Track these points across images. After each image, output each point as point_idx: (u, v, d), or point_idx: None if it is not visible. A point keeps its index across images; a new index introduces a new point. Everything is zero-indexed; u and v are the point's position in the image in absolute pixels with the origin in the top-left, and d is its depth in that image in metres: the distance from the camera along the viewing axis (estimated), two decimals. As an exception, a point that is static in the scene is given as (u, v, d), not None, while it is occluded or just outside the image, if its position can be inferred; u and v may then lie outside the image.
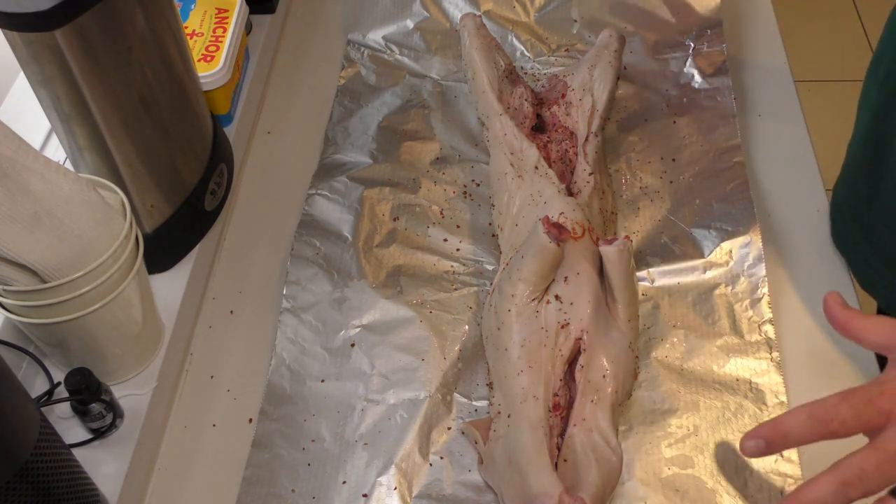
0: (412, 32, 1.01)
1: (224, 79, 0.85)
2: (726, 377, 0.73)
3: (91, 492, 0.60)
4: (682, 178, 0.86)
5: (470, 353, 0.76)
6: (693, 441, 0.70)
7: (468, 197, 0.87)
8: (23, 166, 0.58)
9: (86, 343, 0.67)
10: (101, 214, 0.63)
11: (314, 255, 0.82)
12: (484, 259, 0.82)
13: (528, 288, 0.69)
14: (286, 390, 0.74)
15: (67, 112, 0.66)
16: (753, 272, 0.78)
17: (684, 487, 0.68)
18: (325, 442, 0.71)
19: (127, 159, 0.70)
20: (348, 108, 0.95)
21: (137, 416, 0.70)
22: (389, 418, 0.72)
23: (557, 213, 0.74)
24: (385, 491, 0.68)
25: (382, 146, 0.91)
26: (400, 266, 0.81)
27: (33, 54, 0.62)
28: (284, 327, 0.77)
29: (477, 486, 0.69)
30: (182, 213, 0.77)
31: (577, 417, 0.66)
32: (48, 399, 0.69)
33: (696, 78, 0.94)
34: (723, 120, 0.89)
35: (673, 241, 0.82)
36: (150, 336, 0.72)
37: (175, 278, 0.78)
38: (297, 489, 0.69)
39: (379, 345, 0.76)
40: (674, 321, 0.76)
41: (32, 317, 0.63)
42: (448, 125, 0.93)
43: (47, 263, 0.59)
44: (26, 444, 0.50)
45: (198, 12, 0.87)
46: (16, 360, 0.71)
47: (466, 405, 0.73)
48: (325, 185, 0.87)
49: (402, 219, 0.85)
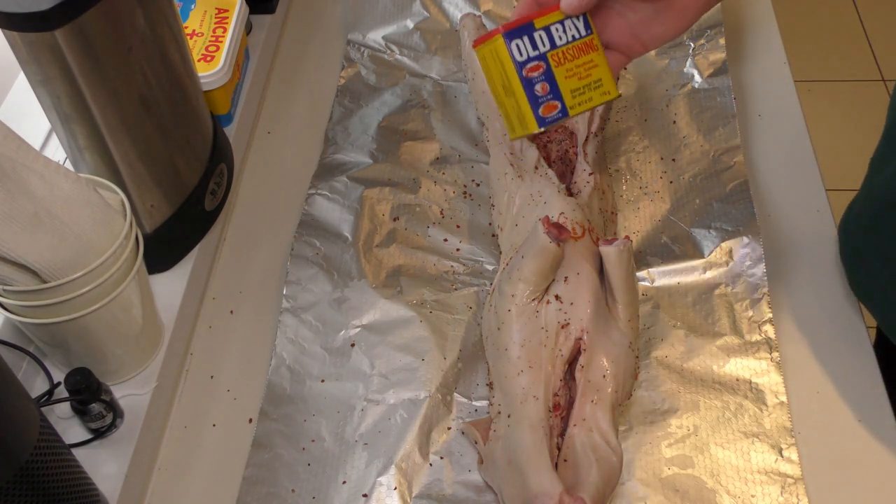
0: (412, 32, 1.01)
1: (224, 79, 0.85)
2: (726, 377, 0.73)
3: (91, 492, 0.60)
4: (682, 178, 0.86)
5: (470, 353, 0.76)
6: (693, 441, 0.70)
7: (468, 197, 0.87)
8: (23, 166, 0.58)
9: (86, 343, 0.67)
10: (102, 214, 0.63)
11: (314, 255, 0.82)
12: (484, 259, 0.82)
13: (528, 288, 0.69)
14: (286, 390, 0.74)
15: (67, 112, 0.66)
16: (753, 272, 0.78)
17: (684, 487, 0.68)
18: (325, 442, 0.71)
19: (127, 159, 0.70)
20: (348, 108, 0.95)
21: (137, 416, 0.70)
22: (389, 418, 0.72)
23: (557, 213, 0.74)
24: (385, 491, 0.68)
25: (382, 146, 0.91)
26: (400, 266, 0.81)
27: (33, 54, 0.62)
28: (284, 327, 0.77)
29: (477, 486, 0.69)
30: (182, 213, 0.77)
31: (577, 417, 0.66)
32: (48, 399, 0.69)
33: (696, 78, 0.94)
34: (723, 120, 0.89)
35: (673, 241, 0.82)
36: (150, 336, 0.72)
37: (175, 278, 0.78)
38: (297, 489, 0.69)
39: (379, 345, 0.76)
40: (674, 321, 0.77)
41: (32, 317, 0.63)
42: (448, 125, 0.93)
43: (47, 263, 0.59)
44: (26, 444, 0.50)
45: (198, 12, 0.87)
46: (16, 360, 0.71)
47: (466, 405, 0.73)
48: (325, 185, 0.87)
49: (402, 219, 0.85)
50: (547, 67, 0.60)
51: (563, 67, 0.60)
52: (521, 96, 0.60)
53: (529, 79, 0.60)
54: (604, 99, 0.62)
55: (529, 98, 0.60)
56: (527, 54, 0.60)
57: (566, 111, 0.61)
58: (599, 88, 0.61)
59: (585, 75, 0.61)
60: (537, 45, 0.60)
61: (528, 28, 0.60)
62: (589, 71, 0.61)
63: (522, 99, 0.60)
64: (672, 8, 0.62)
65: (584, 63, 0.61)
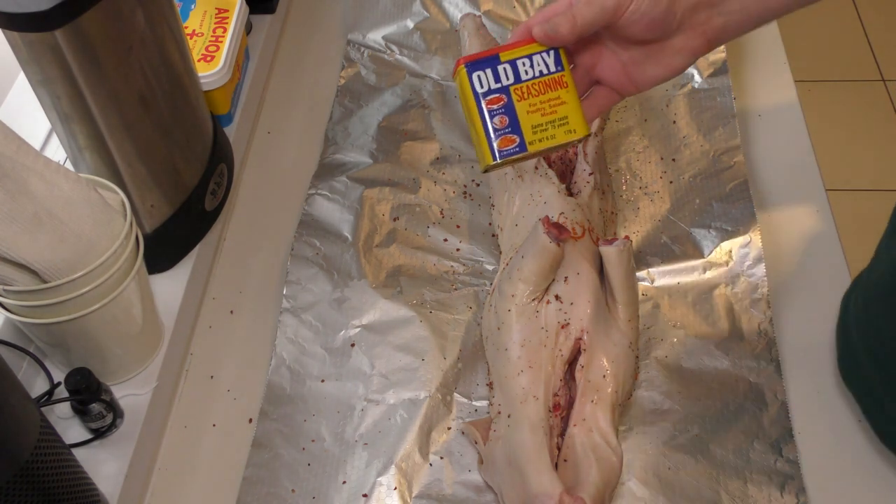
0: (412, 32, 1.01)
1: (224, 79, 0.85)
2: (726, 377, 0.73)
3: (91, 492, 0.60)
4: (682, 178, 0.86)
5: (470, 353, 0.76)
6: (693, 441, 0.70)
7: (468, 197, 0.87)
8: (23, 166, 0.58)
9: (86, 343, 0.67)
10: (102, 214, 0.63)
11: (314, 255, 0.82)
12: (484, 259, 0.82)
13: (528, 288, 0.69)
14: (286, 390, 0.74)
15: (67, 112, 0.66)
16: (753, 272, 0.78)
17: (684, 487, 0.68)
18: (325, 442, 0.71)
19: (127, 159, 0.70)
20: (348, 108, 0.95)
21: (137, 416, 0.70)
22: (389, 418, 0.72)
23: (557, 213, 0.74)
24: (385, 491, 0.68)
25: (382, 146, 0.91)
26: (400, 266, 0.81)
27: (33, 54, 0.62)
28: (284, 327, 0.77)
29: (477, 486, 0.69)
30: (182, 213, 0.77)
31: (577, 417, 0.66)
32: (48, 399, 0.69)
33: (696, 78, 0.94)
34: (723, 120, 0.89)
35: (673, 241, 0.82)
36: (150, 336, 0.72)
37: (175, 278, 0.78)
38: (297, 489, 0.69)
39: (379, 345, 0.76)
40: (674, 321, 0.77)
41: (32, 317, 0.63)
42: (448, 125, 0.93)
43: (47, 263, 0.59)
44: (26, 444, 0.50)
45: (198, 12, 0.87)
46: (16, 360, 0.71)
47: (466, 405, 0.73)
48: (325, 185, 0.87)
49: (402, 219, 0.85)
50: (508, 101, 0.60)
51: (525, 102, 0.60)
52: (479, 127, 0.60)
53: (489, 110, 0.60)
54: (569, 138, 0.61)
55: (486, 129, 0.60)
56: (488, 86, 0.60)
57: (524, 146, 0.60)
58: (564, 126, 0.61)
59: (550, 111, 0.61)
60: (500, 78, 0.60)
61: (492, 60, 0.60)
62: (554, 108, 0.61)
63: (480, 130, 0.60)
64: (664, 51, 0.62)
65: (549, 99, 0.61)
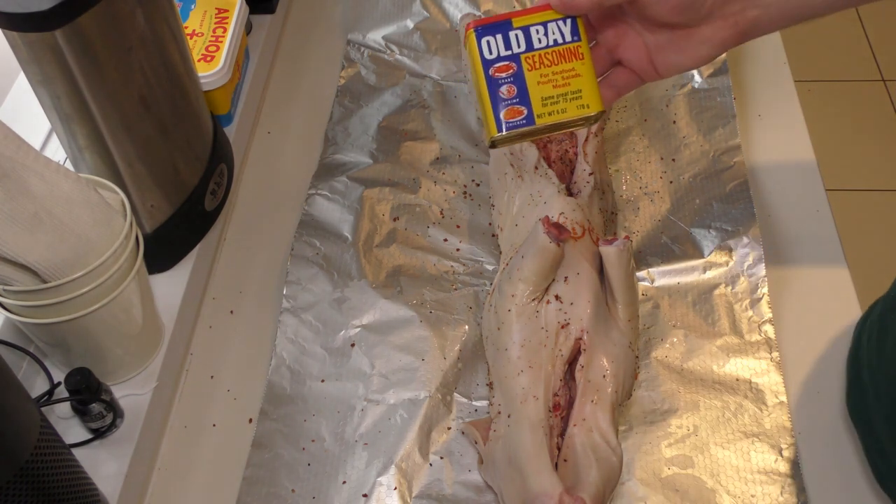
0: (412, 32, 1.01)
1: (224, 79, 0.85)
2: (726, 377, 0.73)
3: (91, 492, 0.60)
4: (682, 178, 0.86)
5: (470, 353, 0.76)
6: (693, 441, 0.70)
7: (468, 197, 0.87)
8: (23, 166, 0.58)
9: (86, 343, 0.67)
10: (102, 214, 0.63)
11: (314, 255, 0.82)
12: (484, 259, 0.82)
13: (528, 288, 0.69)
14: (286, 390, 0.74)
15: (67, 112, 0.66)
16: (753, 272, 0.78)
17: (684, 487, 0.68)
18: (325, 442, 0.71)
19: (127, 159, 0.70)
20: (348, 108, 0.95)
21: (137, 416, 0.70)
22: (389, 418, 0.72)
23: (557, 213, 0.74)
24: (385, 491, 0.68)
25: (382, 146, 0.91)
26: (400, 266, 0.81)
27: (33, 54, 0.62)
28: (284, 327, 0.77)
29: (477, 486, 0.69)
30: (182, 213, 0.77)
31: (577, 417, 0.66)
32: (48, 399, 0.69)
33: (696, 78, 0.94)
34: (723, 120, 0.89)
35: (673, 241, 0.82)
36: (150, 336, 0.72)
37: (175, 278, 0.78)
38: (297, 489, 0.69)
39: (379, 345, 0.76)
40: (674, 321, 0.77)
41: (32, 317, 0.63)
42: (448, 125, 0.93)
43: (47, 263, 0.59)
44: (26, 444, 0.50)
45: (198, 12, 0.87)
46: (16, 360, 0.71)
47: (466, 405, 0.73)
48: (325, 185, 0.87)
49: (402, 219, 0.85)
50: (518, 69, 0.57)
51: (536, 72, 0.57)
52: (485, 96, 0.57)
53: (496, 79, 0.57)
54: (581, 113, 0.57)
55: (492, 99, 0.57)
56: (497, 53, 0.57)
57: (532, 119, 0.57)
58: (577, 100, 0.57)
59: (562, 83, 0.57)
60: (510, 45, 0.57)
61: (504, 25, 0.57)
62: (567, 80, 0.57)
63: (486, 99, 0.57)
64: (691, 38, 0.59)
65: (563, 71, 0.57)
